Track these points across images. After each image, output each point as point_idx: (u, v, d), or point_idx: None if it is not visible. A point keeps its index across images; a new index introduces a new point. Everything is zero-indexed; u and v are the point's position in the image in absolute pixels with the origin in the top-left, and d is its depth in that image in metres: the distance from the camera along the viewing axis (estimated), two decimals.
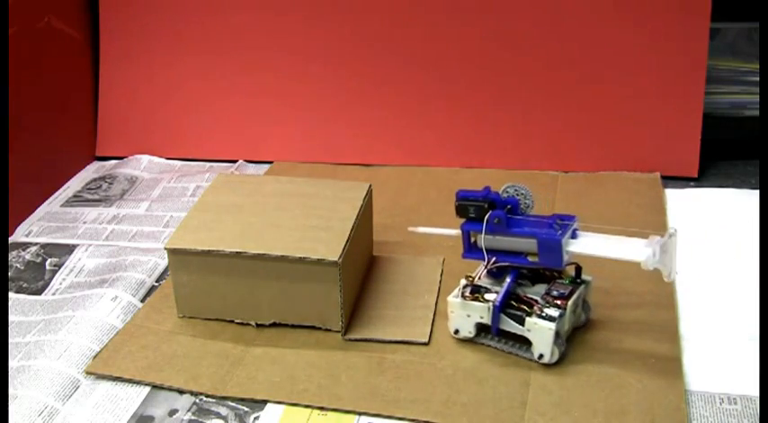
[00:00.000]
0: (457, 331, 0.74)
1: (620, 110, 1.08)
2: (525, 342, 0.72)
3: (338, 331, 0.76)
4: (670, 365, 0.70)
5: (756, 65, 1.20)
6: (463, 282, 0.74)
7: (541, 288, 0.73)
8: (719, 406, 0.66)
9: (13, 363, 0.75)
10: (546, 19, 1.09)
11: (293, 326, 0.77)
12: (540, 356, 0.70)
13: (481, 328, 0.74)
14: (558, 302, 0.70)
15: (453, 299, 0.73)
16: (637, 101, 1.07)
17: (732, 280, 0.83)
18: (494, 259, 0.71)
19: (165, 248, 0.76)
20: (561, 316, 0.70)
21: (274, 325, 0.78)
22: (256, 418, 0.68)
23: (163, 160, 1.19)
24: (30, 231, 1.01)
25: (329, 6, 1.14)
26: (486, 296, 0.72)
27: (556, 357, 0.70)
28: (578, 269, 0.73)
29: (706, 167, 1.06)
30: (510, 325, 0.71)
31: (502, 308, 0.71)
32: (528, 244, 0.70)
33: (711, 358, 0.72)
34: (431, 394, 0.68)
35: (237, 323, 0.78)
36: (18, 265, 0.93)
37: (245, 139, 1.17)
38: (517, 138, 1.11)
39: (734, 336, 0.74)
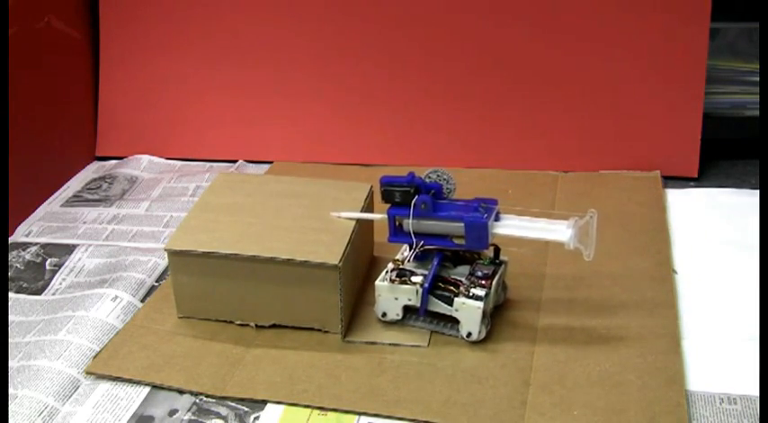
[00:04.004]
0: (384, 314, 0.76)
1: (620, 109, 1.08)
2: (450, 321, 0.74)
3: (338, 334, 0.76)
4: (670, 363, 0.70)
5: (756, 65, 1.20)
6: (390, 266, 0.76)
7: (464, 270, 0.75)
8: (719, 406, 0.66)
9: (13, 363, 0.75)
10: (546, 19, 1.09)
11: (293, 327, 0.77)
12: (469, 334, 0.73)
13: (408, 311, 0.75)
14: (483, 282, 0.73)
15: (381, 283, 0.75)
16: (637, 101, 1.07)
17: (732, 280, 0.83)
18: (422, 243, 0.73)
19: (165, 249, 0.76)
20: (487, 295, 0.72)
21: (275, 326, 0.78)
22: (256, 418, 0.68)
23: (163, 160, 1.19)
24: (30, 231, 1.01)
25: (329, 6, 1.14)
26: (414, 279, 0.74)
27: (483, 335, 0.73)
28: (497, 250, 0.76)
29: (706, 167, 1.06)
30: (438, 306, 0.73)
31: (430, 290, 0.73)
32: (454, 227, 0.72)
33: (711, 358, 0.72)
34: (431, 394, 0.68)
35: (238, 324, 0.78)
36: (18, 265, 0.93)
37: (245, 139, 1.17)
38: (517, 138, 1.11)
39: (734, 336, 0.74)
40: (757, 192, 1.00)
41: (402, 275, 0.74)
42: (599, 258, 0.69)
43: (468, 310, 0.72)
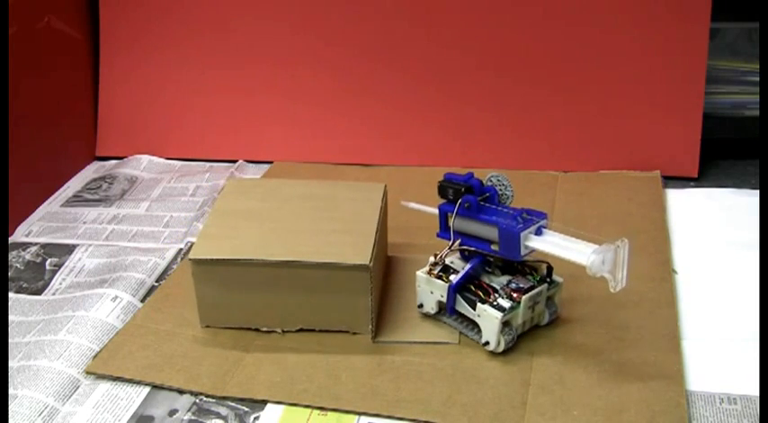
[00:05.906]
0: (421, 305, 0.76)
1: (621, 109, 1.08)
2: (477, 326, 0.73)
3: (368, 335, 0.75)
4: (670, 363, 0.70)
5: (756, 65, 1.20)
6: (432, 259, 0.75)
7: (505, 279, 0.74)
8: (719, 406, 0.66)
9: (13, 363, 0.75)
10: (546, 19, 1.09)
11: (320, 331, 0.76)
12: (486, 343, 0.72)
13: (443, 307, 0.75)
14: (514, 295, 0.72)
15: (421, 273, 0.75)
16: (637, 101, 1.07)
17: (732, 280, 0.83)
18: (458, 241, 0.73)
19: (190, 259, 0.74)
20: (512, 308, 0.71)
21: (301, 330, 0.76)
22: (256, 418, 0.68)
23: (163, 160, 1.19)
24: (30, 231, 1.01)
25: (330, 6, 1.14)
26: (451, 277, 0.74)
27: (501, 347, 0.72)
28: (549, 269, 0.74)
29: (706, 167, 1.06)
30: (464, 307, 0.73)
31: (459, 289, 0.73)
32: (491, 231, 0.71)
33: (711, 358, 0.72)
34: (431, 394, 0.68)
35: (264, 331, 0.77)
36: (18, 265, 0.93)
37: (244, 139, 1.17)
38: (517, 138, 1.11)
39: (734, 336, 0.74)
40: (757, 192, 1.00)
41: (445, 271, 0.74)
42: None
43: (488, 319, 0.71)
